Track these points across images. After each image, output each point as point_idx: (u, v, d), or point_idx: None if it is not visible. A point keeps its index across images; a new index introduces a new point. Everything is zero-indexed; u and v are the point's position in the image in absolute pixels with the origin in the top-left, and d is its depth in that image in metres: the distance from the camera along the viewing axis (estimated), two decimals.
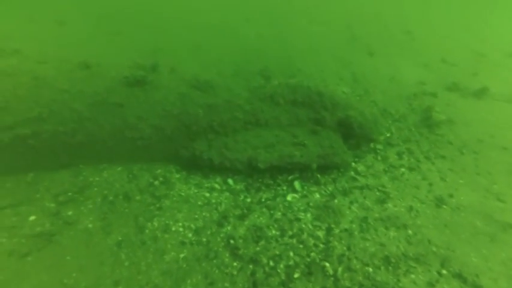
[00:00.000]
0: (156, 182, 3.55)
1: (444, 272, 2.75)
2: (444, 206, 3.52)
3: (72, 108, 3.15)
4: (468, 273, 2.71)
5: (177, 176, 3.74)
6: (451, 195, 3.67)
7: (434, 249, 2.99)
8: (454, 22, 10.57)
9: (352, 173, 3.91)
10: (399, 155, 4.32)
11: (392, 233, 3.12)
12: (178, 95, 3.79)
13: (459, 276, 2.70)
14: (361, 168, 4.01)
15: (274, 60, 6.83)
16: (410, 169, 4.08)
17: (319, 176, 3.77)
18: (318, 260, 2.78)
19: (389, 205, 3.46)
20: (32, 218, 2.90)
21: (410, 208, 3.45)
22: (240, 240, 2.95)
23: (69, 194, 3.08)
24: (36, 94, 3.07)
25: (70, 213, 3.02)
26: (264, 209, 3.32)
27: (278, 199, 3.46)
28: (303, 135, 3.99)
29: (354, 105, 4.45)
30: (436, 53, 7.64)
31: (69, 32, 7.16)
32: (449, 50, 8.02)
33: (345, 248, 2.91)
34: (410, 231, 3.15)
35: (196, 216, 3.22)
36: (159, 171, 3.71)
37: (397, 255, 2.90)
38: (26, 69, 3.43)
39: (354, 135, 4.22)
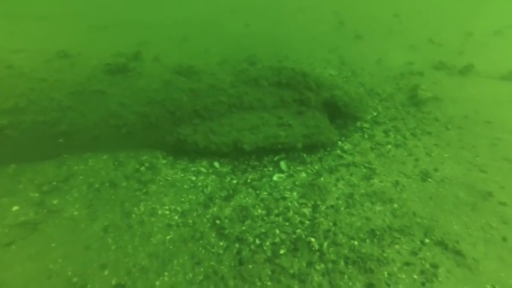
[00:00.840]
0: (142, 168, 3.54)
1: (427, 240, 2.80)
2: (429, 180, 3.56)
3: (51, 97, 3.10)
4: (449, 240, 2.76)
5: (164, 161, 3.73)
6: (436, 169, 3.71)
7: (418, 220, 3.03)
8: (442, 3, 10.54)
9: (339, 151, 3.93)
10: (386, 132, 4.35)
11: (378, 207, 3.15)
12: (162, 81, 3.75)
13: (441, 243, 2.75)
14: (347, 146, 4.03)
15: (262, 48, 6.78)
16: (397, 146, 4.10)
17: (305, 155, 3.78)
18: (303, 236, 2.80)
19: (376, 181, 3.49)
20: (15, 208, 2.89)
21: (396, 183, 3.48)
22: (226, 220, 2.96)
23: (54, 183, 3.06)
24: (10, 84, 3.01)
25: (55, 202, 3.01)
26: (250, 190, 3.33)
27: (264, 179, 3.47)
28: (288, 116, 3.99)
29: (339, 85, 4.45)
30: (423, 34, 7.63)
31: (49, 26, 7.02)
32: (436, 30, 8.01)
33: (331, 224, 2.94)
34: (395, 205, 3.19)
35: (183, 199, 3.22)
36: (145, 157, 3.70)
37: (382, 228, 2.93)
38: None
39: (340, 114, 4.23)
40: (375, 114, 4.75)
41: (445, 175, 3.63)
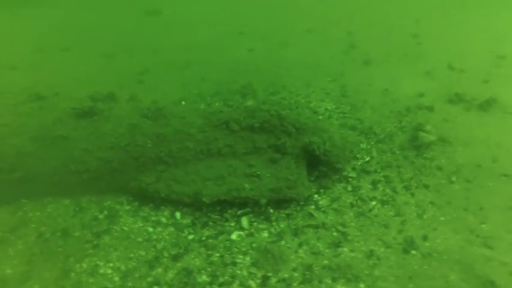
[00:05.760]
0: (101, 216, 3.48)
1: None
2: (413, 252, 3.00)
3: (12, 143, 3.19)
4: None
5: (128, 207, 3.63)
6: (425, 238, 3.13)
7: None
8: (471, 21, 9.43)
9: (313, 207, 3.52)
10: (374, 184, 3.83)
11: (339, 286, 2.70)
12: (128, 125, 3.71)
13: None
14: (324, 201, 3.60)
15: (260, 76, 6.55)
16: (383, 202, 3.58)
17: (272, 210, 3.44)
18: None
19: (345, 249, 3.03)
20: None
21: (371, 253, 2.99)
22: (165, 287, 2.74)
23: (0, 233, 3.10)
24: None
25: None
26: (203, 249, 3.08)
27: (221, 237, 3.20)
28: (260, 164, 3.69)
29: (324, 128, 4.05)
30: (443, 58, 6.81)
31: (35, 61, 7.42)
32: (459, 53, 7.11)
33: None
34: (362, 285, 2.71)
35: (132, 255, 3.07)
36: (108, 202, 3.64)
37: None
38: None
39: (320, 162, 3.83)
40: (367, 159, 4.23)
41: (435, 247, 3.04)
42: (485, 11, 10.24)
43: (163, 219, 3.47)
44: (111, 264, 2.96)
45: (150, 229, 3.36)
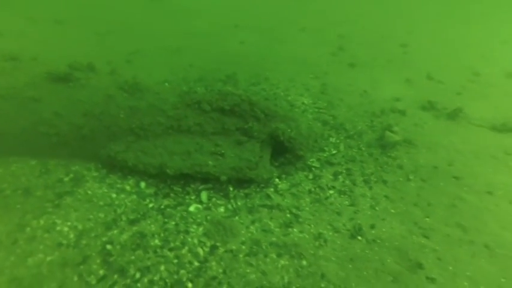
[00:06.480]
0: (66, 179, 3.56)
1: None
2: (359, 237, 3.18)
3: None
4: None
5: (95, 174, 3.73)
6: (372, 226, 3.31)
7: (323, 285, 2.69)
8: (456, 38, 9.75)
9: (272, 189, 3.68)
10: (335, 175, 4.00)
11: (283, 262, 2.85)
12: (103, 95, 3.80)
13: None
14: (283, 185, 3.75)
15: (246, 67, 6.70)
16: (341, 193, 3.75)
17: (231, 189, 3.58)
18: (184, 279, 2.61)
19: (295, 230, 3.19)
20: None
21: (319, 236, 3.15)
22: (118, 247, 2.86)
23: None
24: None
25: None
26: (160, 216, 3.21)
27: (179, 208, 3.33)
28: (226, 145, 3.83)
29: (294, 118, 4.21)
30: (424, 68, 7.06)
31: (63, 30, 7.51)
32: (441, 66, 7.37)
33: (220, 271, 2.71)
34: (304, 262, 2.87)
35: (91, 216, 3.17)
36: (76, 167, 3.73)
37: (276, 287, 2.64)
38: None
39: (285, 149, 3.98)
40: (334, 152, 4.41)
41: (379, 235, 3.23)
42: (471, 30, 10.57)
43: (128, 187, 3.58)
44: (68, 223, 3.06)
45: (114, 195, 3.46)
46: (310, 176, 3.95)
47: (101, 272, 2.65)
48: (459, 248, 3.09)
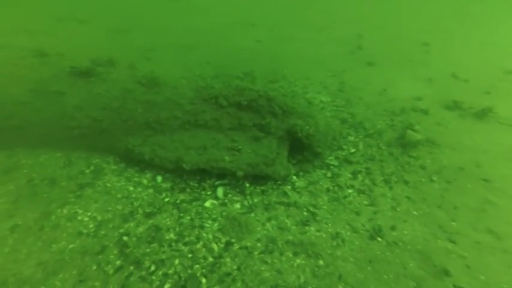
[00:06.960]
0: (87, 171, 3.65)
1: None
2: (379, 239, 3.05)
3: (9, 92, 3.38)
4: None
5: (114, 167, 3.80)
6: (393, 228, 3.17)
7: (340, 286, 2.59)
8: (481, 36, 9.24)
9: (289, 187, 3.60)
10: (354, 174, 3.88)
11: (299, 261, 2.78)
12: (122, 89, 3.87)
13: None
14: (301, 183, 3.67)
15: (263, 65, 6.65)
16: (360, 192, 3.62)
17: (248, 185, 3.54)
18: (198, 274, 2.59)
19: (311, 228, 3.10)
20: None
21: (336, 235, 3.05)
22: (134, 239, 2.89)
23: None
24: None
25: None
26: (175, 211, 3.22)
27: (195, 203, 3.32)
28: (243, 140, 3.79)
29: (312, 114, 4.12)
30: (448, 67, 6.73)
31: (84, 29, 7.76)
32: (466, 64, 7.01)
33: (234, 267, 2.67)
34: (321, 262, 2.78)
35: (110, 208, 3.23)
36: (96, 160, 3.82)
37: (291, 286, 2.57)
38: None
39: (303, 146, 3.90)
40: (352, 151, 4.28)
41: (401, 237, 3.08)
42: (498, 28, 10.02)
43: (145, 181, 3.62)
44: (89, 213, 3.13)
45: (131, 188, 3.51)
46: (329, 174, 3.84)
47: (118, 262, 2.68)
48: (491, 256, 2.89)
